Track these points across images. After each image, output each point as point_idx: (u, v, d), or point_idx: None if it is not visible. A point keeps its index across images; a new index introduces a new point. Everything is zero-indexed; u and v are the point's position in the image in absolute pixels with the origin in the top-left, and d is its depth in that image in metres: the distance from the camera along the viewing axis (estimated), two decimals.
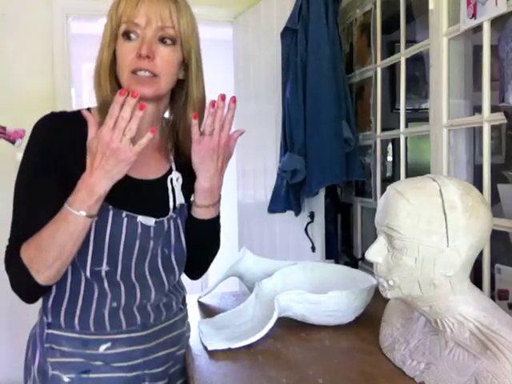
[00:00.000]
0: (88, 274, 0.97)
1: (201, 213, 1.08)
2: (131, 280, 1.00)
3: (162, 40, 0.97)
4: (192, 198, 1.09)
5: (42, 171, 0.96)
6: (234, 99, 0.99)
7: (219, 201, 1.09)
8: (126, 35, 0.96)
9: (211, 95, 1.00)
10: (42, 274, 0.92)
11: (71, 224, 0.89)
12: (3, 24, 2.68)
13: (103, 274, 0.98)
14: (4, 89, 2.68)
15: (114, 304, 0.99)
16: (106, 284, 0.98)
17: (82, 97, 3.77)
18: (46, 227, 0.91)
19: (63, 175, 0.94)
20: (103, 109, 0.97)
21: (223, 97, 0.98)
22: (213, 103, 0.98)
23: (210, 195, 1.06)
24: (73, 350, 0.98)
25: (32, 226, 0.92)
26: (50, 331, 0.99)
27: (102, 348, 0.98)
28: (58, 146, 0.96)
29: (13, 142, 2.67)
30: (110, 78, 0.99)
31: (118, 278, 0.99)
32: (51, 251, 0.90)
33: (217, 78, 3.55)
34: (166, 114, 1.11)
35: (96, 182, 0.88)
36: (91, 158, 0.89)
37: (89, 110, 1.02)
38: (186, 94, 1.05)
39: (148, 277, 1.02)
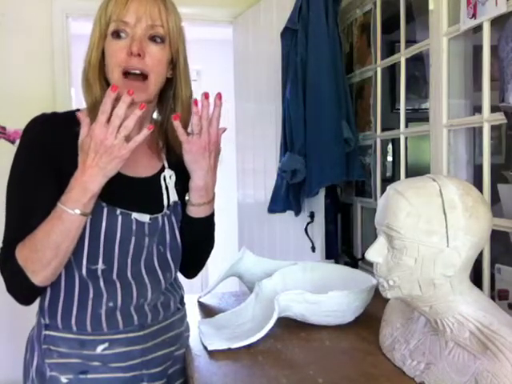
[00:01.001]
0: (84, 273, 0.97)
1: (196, 211, 1.08)
2: (127, 278, 1.00)
3: (152, 38, 0.97)
4: (187, 197, 1.09)
5: (34, 172, 0.96)
6: (219, 96, 0.98)
7: (213, 198, 1.10)
8: (116, 34, 0.96)
9: (211, 94, 1.00)
10: (38, 275, 0.92)
11: (66, 223, 0.89)
12: (3, 24, 2.68)
13: (99, 272, 0.98)
14: (4, 89, 2.68)
15: (111, 304, 0.99)
16: (101, 283, 0.98)
17: (82, 97, 3.76)
18: (41, 227, 0.91)
19: (56, 176, 0.95)
20: (93, 109, 0.97)
21: (207, 95, 0.97)
22: (195, 102, 0.98)
23: (205, 193, 1.06)
24: (70, 350, 0.98)
25: (26, 228, 0.92)
26: (47, 332, 0.99)
27: (100, 348, 0.98)
28: (49, 147, 0.96)
29: (13, 142, 2.67)
30: (100, 78, 0.99)
31: (115, 276, 0.99)
32: (47, 251, 0.90)
33: (217, 78, 3.56)
34: (154, 115, 1.11)
35: (89, 180, 0.88)
36: (83, 156, 0.89)
37: (78, 110, 1.03)
38: (174, 92, 1.05)
39: (144, 275, 1.02)
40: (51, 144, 0.96)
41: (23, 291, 0.95)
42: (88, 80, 0.99)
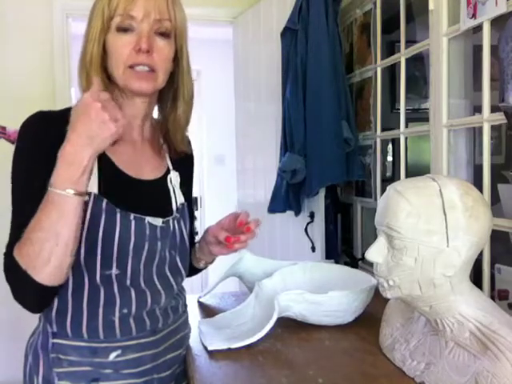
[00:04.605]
0: (98, 278, 0.93)
1: (203, 263, 1.13)
2: (140, 285, 0.98)
3: (159, 33, 0.95)
4: (197, 255, 1.12)
5: (34, 173, 0.91)
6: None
7: None
8: (122, 28, 0.93)
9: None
10: (41, 271, 0.83)
11: (60, 206, 0.81)
12: (3, 24, 2.68)
13: (113, 277, 0.94)
14: (4, 88, 2.68)
15: (125, 310, 0.96)
16: (115, 289, 0.95)
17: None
18: (34, 217, 0.83)
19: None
20: None
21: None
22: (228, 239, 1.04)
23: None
24: (81, 359, 0.94)
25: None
26: (55, 341, 0.95)
27: (112, 356, 0.95)
28: (48, 147, 0.89)
29: (13, 142, 2.67)
30: (101, 72, 0.96)
31: (128, 282, 0.96)
32: (44, 242, 0.82)
33: (217, 78, 3.56)
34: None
35: (78, 151, 0.81)
36: (71, 128, 0.83)
37: (70, 109, 0.99)
38: (177, 87, 1.03)
39: (156, 281, 1.00)
40: (50, 142, 0.90)
41: (30, 294, 0.87)
42: (88, 74, 0.96)
